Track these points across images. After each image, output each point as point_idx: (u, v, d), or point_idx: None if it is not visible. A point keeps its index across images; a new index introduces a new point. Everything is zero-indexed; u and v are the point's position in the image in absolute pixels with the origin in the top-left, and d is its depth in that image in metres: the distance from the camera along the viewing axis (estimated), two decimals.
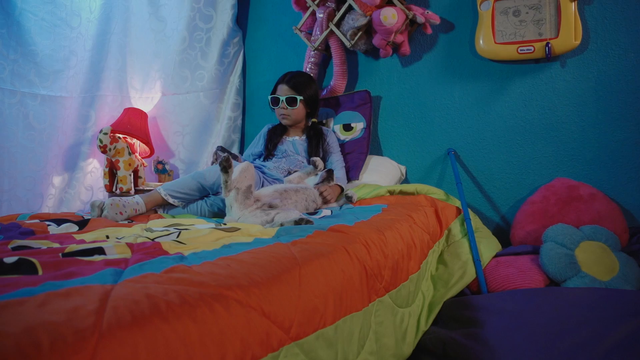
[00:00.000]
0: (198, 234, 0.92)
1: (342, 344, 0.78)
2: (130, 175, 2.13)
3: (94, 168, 2.27)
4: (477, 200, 1.76)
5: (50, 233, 1.07)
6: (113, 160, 2.10)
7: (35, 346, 0.41)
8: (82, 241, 0.92)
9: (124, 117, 2.19)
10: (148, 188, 2.15)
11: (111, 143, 2.05)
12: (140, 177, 2.22)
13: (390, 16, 1.64)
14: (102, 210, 1.23)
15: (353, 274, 0.87)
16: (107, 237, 0.96)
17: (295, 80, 1.75)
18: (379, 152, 1.98)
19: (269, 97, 1.80)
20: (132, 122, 2.18)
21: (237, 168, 1.20)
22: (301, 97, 1.72)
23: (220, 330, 0.55)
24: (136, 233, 1.00)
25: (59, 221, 1.18)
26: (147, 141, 2.23)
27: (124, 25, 2.26)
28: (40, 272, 0.67)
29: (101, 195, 2.31)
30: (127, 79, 2.32)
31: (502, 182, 1.72)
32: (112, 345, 0.45)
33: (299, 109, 1.75)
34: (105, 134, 2.02)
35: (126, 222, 1.27)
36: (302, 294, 0.72)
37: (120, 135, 2.14)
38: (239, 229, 0.98)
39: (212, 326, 0.54)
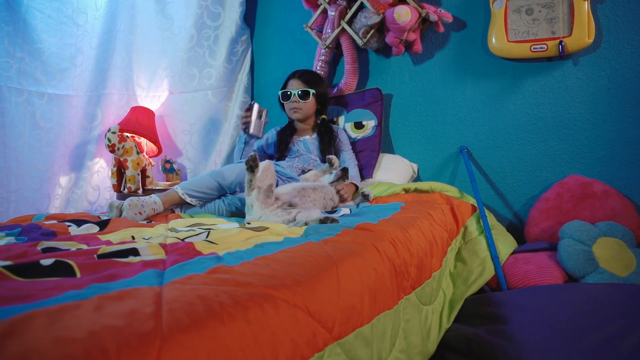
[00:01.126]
0: (227, 234, 0.91)
1: (377, 342, 0.78)
2: (138, 174, 2.11)
3: (101, 167, 2.24)
4: (490, 197, 1.77)
5: (72, 234, 1.06)
6: (121, 159, 2.07)
7: (103, 352, 0.40)
8: (109, 242, 0.91)
9: (131, 115, 2.17)
10: (158, 187, 2.14)
11: (119, 142, 2.03)
12: (148, 177, 2.20)
13: (404, 14, 1.64)
14: (121, 211, 1.22)
15: (384, 272, 0.87)
16: (133, 237, 0.95)
17: (307, 75, 1.78)
18: (390, 150, 1.98)
19: (280, 92, 1.80)
20: (140, 121, 2.16)
21: (259, 167, 1.19)
22: (314, 91, 1.73)
23: (272, 331, 0.55)
24: (161, 233, 0.99)
25: (78, 222, 1.17)
26: (154, 140, 2.21)
27: (129, 22, 2.24)
28: (78, 274, 0.66)
29: (108, 195, 2.29)
30: (133, 77, 2.30)
31: (515, 179, 1.73)
32: (174, 349, 0.44)
33: (311, 104, 1.76)
34: (114, 132, 1.99)
35: (145, 222, 1.26)
36: (341, 293, 0.71)
37: (128, 134, 2.12)
38: (267, 228, 0.98)
39: (265, 327, 0.54)
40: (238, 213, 1.40)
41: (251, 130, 1.55)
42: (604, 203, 1.44)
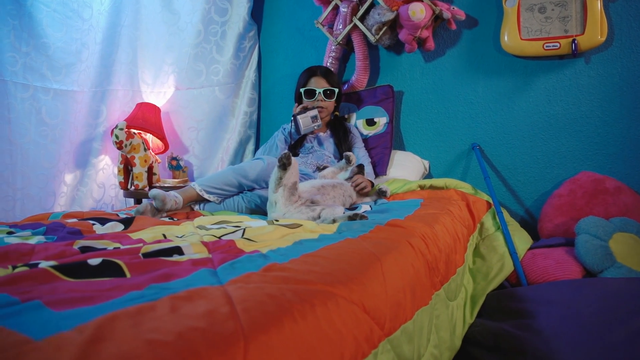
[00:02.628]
0: (263, 231, 0.91)
1: (417, 338, 0.79)
2: (145, 171, 2.08)
3: (106, 165, 2.21)
4: (502, 194, 1.79)
5: (97, 232, 1.04)
6: (128, 156, 2.04)
7: (196, 355, 0.40)
8: (141, 240, 0.90)
9: (137, 111, 2.14)
10: (166, 185, 2.11)
11: (127, 139, 1.99)
12: (155, 174, 2.17)
13: (419, 11, 1.65)
14: (156, 209, 1.24)
15: (420, 268, 0.88)
16: (164, 235, 0.94)
17: (327, 72, 1.78)
18: (401, 147, 1.99)
19: (302, 89, 1.76)
20: (146, 117, 2.13)
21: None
22: (337, 89, 1.74)
23: (337, 328, 0.55)
24: (191, 231, 0.98)
25: (100, 220, 1.15)
26: (161, 137, 2.18)
27: (134, 17, 2.20)
28: (128, 274, 0.65)
29: (113, 192, 2.25)
30: (138, 73, 2.26)
31: (527, 176, 1.76)
32: (258, 349, 0.44)
33: (332, 102, 1.77)
34: (121, 129, 1.96)
35: (167, 219, 1.24)
36: (388, 289, 0.72)
37: (135, 131, 2.09)
38: (301, 225, 0.98)
39: (331, 325, 0.54)
40: (257, 210, 1.39)
41: (302, 132, 1.68)
42: (617, 199, 1.47)
